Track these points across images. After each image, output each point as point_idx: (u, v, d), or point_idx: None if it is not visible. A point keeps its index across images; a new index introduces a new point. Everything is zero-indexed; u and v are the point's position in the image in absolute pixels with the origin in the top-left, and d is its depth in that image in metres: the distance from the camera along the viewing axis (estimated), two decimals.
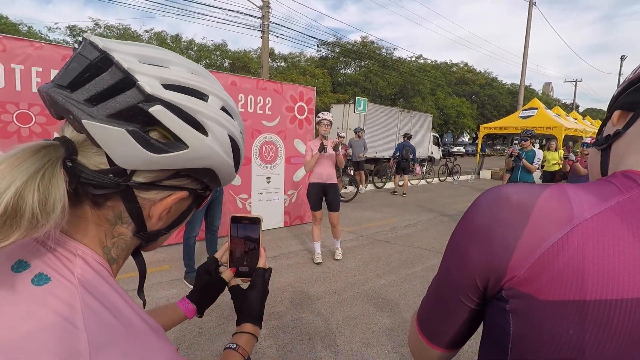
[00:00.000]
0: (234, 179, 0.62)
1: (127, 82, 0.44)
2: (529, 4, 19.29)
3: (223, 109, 0.54)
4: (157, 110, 0.45)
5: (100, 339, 0.39)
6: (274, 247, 5.38)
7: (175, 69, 0.50)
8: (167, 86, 0.47)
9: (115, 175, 0.46)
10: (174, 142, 0.47)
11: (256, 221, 0.85)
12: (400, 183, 10.91)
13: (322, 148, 4.49)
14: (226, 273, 0.85)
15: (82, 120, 0.43)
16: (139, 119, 0.45)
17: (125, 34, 20.58)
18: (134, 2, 29.90)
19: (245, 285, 0.84)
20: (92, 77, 0.44)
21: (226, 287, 0.86)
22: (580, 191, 0.48)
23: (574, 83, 44.84)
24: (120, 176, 0.47)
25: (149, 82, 0.45)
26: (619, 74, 40.04)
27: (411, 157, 10.52)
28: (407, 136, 11.09)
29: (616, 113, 0.56)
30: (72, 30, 19.89)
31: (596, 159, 0.61)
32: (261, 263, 0.85)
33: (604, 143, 0.58)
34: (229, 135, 0.54)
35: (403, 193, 10.78)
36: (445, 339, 0.59)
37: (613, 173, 0.52)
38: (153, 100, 0.45)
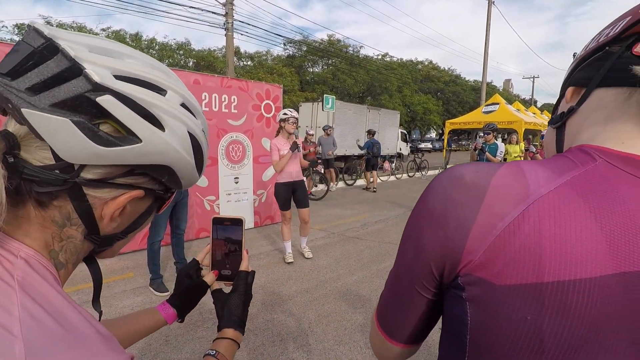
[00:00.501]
0: (197, 180, 0.58)
1: (74, 70, 0.41)
2: (488, 3, 19.96)
3: (183, 105, 0.51)
4: (106, 100, 0.42)
5: (40, 347, 0.36)
6: None
7: (130, 62, 0.47)
8: (120, 77, 0.44)
9: (61, 171, 0.43)
10: (126, 136, 0.45)
11: (238, 222, 0.83)
12: (371, 179, 11.14)
13: (296, 146, 4.42)
14: (208, 276, 0.82)
15: (22, 109, 0.40)
16: (86, 109, 0.42)
17: (80, 33, 19.61)
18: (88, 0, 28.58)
19: (228, 289, 0.81)
20: (36, 65, 0.41)
21: (208, 290, 0.83)
22: (536, 166, 0.46)
23: (532, 80, 46.93)
24: (67, 172, 0.43)
25: (98, 71, 0.42)
26: None
27: (378, 152, 11.06)
28: (372, 133, 11.53)
29: (569, 90, 0.55)
30: (21, 28, 18.67)
31: (552, 137, 0.59)
32: (244, 266, 0.83)
33: (559, 121, 0.56)
34: (189, 133, 0.51)
35: (374, 188, 10.99)
36: (404, 333, 0.56)
37: (569, 148, 0.51)
38: (102, 89, 0.42)
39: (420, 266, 0.50)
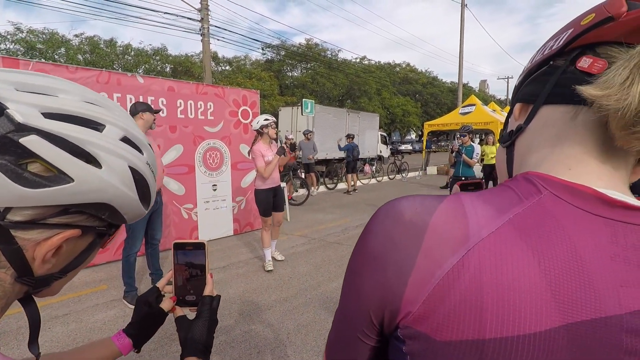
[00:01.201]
0: (143, 213, 0.57)
1: None
2: (462, 7, 20.38)
3: (125, 139, 0.50)
4: (30, 141, 0.41)
5: None
6: (223, 257, 5.18)
7: (65, 98, 0.46)
8: (49, 115, 0.43)
9: None
10: (57, 176, 0.43)
11: (201, 247, 0.81)
12: (352, 182, 11.44)
13: (283, 151, 4.44)
14: (165, 303, 0.80)
15: None
16: (10, 150, 0.41)
17: (53, 39, 19.03)
18: (60, 5, 27.84)
19: (194, 315, 0.78)
20: None
21: (167, 318, 0.80)
22: (478, 202, 0.43)
23: (507, 80, 48.14)
24: None
25: (23, 111, 0.41)
26: None
27: (357, 155, 11.57)
28: (351, 137, 11.94)
29: (517, 106, 0.52)
30: None
31: (502, 157, 0.56)
32: (208, 290, 0.80)
33: (508, 140, 0.54)
34: (130, 167, 0.50)
35: (354, 189, 11.49)
36: None
37: (514, 176, 0.48)
38: (26, 130, 0.41)
39: (360, 312, 0.47)
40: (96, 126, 0.47)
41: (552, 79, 0.46)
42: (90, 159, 0.46)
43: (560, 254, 0.38)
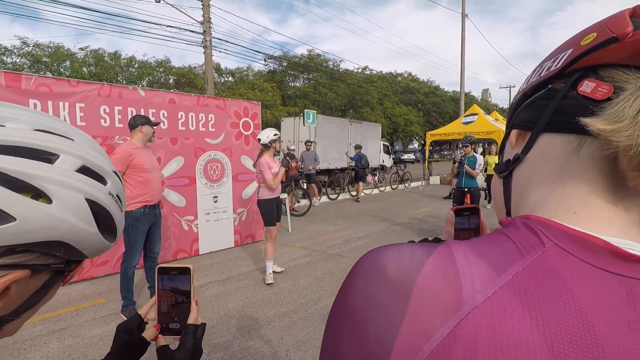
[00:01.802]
0: (107, 246, 0.53)
1: None
2: (462, 17, 20.51)
3: (83, 169, 0.47)
4: None
5: None
6: (223, 270, 5.13)
7: (12, 127, 0.44)
8: None
9: None
10: None
11: (186, 271, 0.77)
12: (358, 190, 12.21)
13: (288, 163, 4.68)
14: (148, 331, 0.76)
15: None
16: None
17: (58, 53, 19.26)
18: (66, 20, 28.29)
19: (177, 344, 0.75)
20: None
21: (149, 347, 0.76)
22: (473, 258, 0.38)
23: (509, 89, 48.20)
24: None
25: None
26: None
27: (365, 165, 12.14)
28: (359, 147, 12.39)
29: (514, 133, 0.47)
30: None
31: (499, 188, 0.51)
32: (192, 318, 0.76)
33: (504, 170, 0.49)
34: (87, 200, 0.47)
35: (357, 199, 12.04)
36: None
37: (513, 220, 0.42)
38: None
39: None
40: (48, 157, 0.44)
41: (551, 105, 0.41)
42: (38, 194, 0.42)
43: (568, 323, 0.32)
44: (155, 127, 3.87)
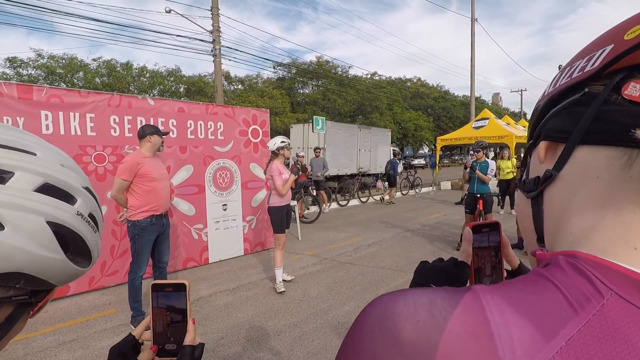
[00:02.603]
0: (80, 272, 0.47)
1: None
2: (471, 21, 20.39)
3: (44, 188, 0.42)
4: None
5: None
6: (232, 279, 5.09)
7: None
8: None
9: None
10: None
11: (181, 288, 0.73)
12: (389, 194, 12.71)
13: (298, 170, 4.74)
14: (144, 353, 0.72)
15: None
16: None
17: (72, 64, 19.67)
18: (80, 32, 28.90)
19: None
20: None
21: None
22: (511, 314, 0.30)
23: (520, 93, 47.68)
24: None
25: None
26: None
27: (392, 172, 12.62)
28: (397, 153, 12.98)
29: (542, 145, 0.39)
30: (12, 61, 18.68)
31: (527, 210, 0.43)
32: (189, 339, 0.73)
33: (533, 189, 0.41)
34: (49, 223, 0.41)
35: (389, 202, 12.58)
36: None
37: (555, 258, 0.35)
38: None
39: None
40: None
41: (588, 111, 0.34)
42: None
43: None
44: (164, 137, 3.87)
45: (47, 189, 0.42)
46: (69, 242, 0.44)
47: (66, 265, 0.44)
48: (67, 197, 0.44)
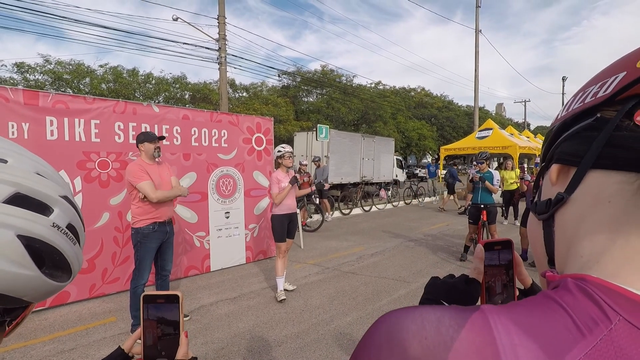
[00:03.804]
0: (60, 287, 0.44)
1: None
2: (476, 32, 20.48)
3: (15, 198, 0.39)
4: None
5: None
6: (234, 287, 5.05)
7: None
8: None
9: None
10: None
11: (174, 299, 0.70)
12: (449, 200, 13.50)
13: (296, 180, 4.57)
14: None
15: None
16: None
17: (79, 70, 19.87)
18: (87, 38, 29.29)
19: None
20: None
21: None
22: (518, 336, 0.30)
23: (524, 103, 47.67)
24: None
25: None
26: (562, 94, 43.15)
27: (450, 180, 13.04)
28: (456, 164, 13.16)
29: (554, 168, 0.40)
30: (20, 67, 18.90)
31: (538, 231, 0.43)
32: (181, 353, 0.70)
33: (545, 212, 0.41)
34: (19, 237, 0.38)
35: (443, 209, 13.13)
36: None
37: (565, 281, 0.35)
38: None
39: None
40: None
41: (601, 136, 0.35)
42: None
43: None
44: (157, 142, 3.80)
45: (18, 200, 0.39)
46: (45, 256, 0.41)
47: (41, 281, 0.41)
48: (41, 207, 0.41)
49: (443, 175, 14.38)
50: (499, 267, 0.64)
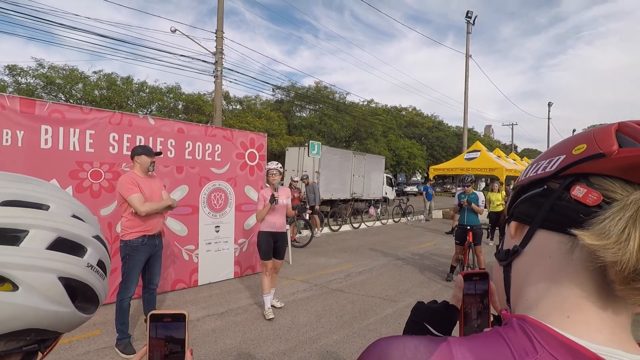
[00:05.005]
0: (86, 319, 0.49)
1: None
2: (466, 56, 21.04)
3: (56, 243, 0.43)
4: None
5: None
6: (222, 302, 5.03)
7: None
8: None
9: None
10: None
11: (181, 318, 0.72)
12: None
13: (273, 199, 4.44)
14: None
15: None
16: None
17: (72, 75, 19.77)
18: (79, 44, 29.21)
19: None
20: None
21: None
22: None
23: (511, 127, 48.69)
24: None
25: None
26: (548, 119, 44.25)
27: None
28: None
29: (513, 225, 0.50)
30: (12, 69, 18.69)
31: (499, 275, 0.53)
32: None
33: (504, 259, 0.51)
34: (60, 279, 0.43)
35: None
36: None
37: (510, 320, 0.44)
38: None
39: None
40: (13, 237, 0.40)
41: (547, 203, 0.44)
42: (2, 280, 0.38)
43: None
44: (153, 157, 3.84)
45: (59, 244, 0.44)
46: (78, 292, 0.46)
47: (74, 315, 0.46)
48: (77, 249, 0.46)
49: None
50: (475, 296, 0.72)
